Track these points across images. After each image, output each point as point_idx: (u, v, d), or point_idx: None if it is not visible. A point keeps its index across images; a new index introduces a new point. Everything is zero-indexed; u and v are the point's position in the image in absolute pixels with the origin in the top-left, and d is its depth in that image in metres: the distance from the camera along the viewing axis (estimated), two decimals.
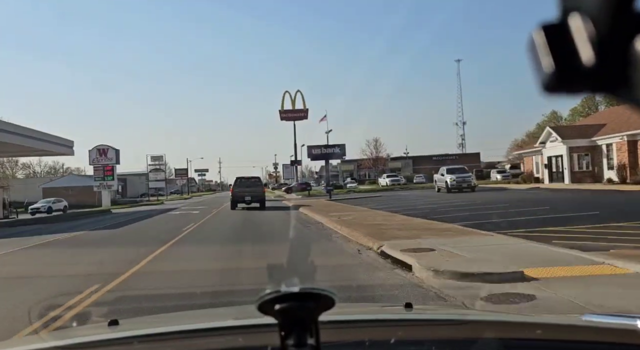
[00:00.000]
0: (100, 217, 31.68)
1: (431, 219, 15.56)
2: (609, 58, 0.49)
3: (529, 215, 15.73)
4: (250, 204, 27.69)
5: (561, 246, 9.07)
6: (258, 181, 30.29)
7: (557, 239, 10.25)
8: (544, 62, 0.51)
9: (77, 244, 15.64)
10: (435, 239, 10.47)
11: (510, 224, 13.47)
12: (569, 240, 9.88)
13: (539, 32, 0.52)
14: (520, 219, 14.84)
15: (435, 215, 16.86)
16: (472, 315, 1.95)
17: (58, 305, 6.23)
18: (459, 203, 23.87)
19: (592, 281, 6.34)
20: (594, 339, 1.40)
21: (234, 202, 27.96)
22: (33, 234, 19.77)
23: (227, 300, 6.10)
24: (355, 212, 20.74)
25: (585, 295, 5.57)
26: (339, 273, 7.72)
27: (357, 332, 1.45)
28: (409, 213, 18.62)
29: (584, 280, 6.38)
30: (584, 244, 9.34)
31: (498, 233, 11.10)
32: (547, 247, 9.01)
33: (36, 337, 2.22)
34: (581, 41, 0.49)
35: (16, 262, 12.06)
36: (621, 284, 6.23)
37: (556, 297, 5.60)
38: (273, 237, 13.25)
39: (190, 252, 12.13)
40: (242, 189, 28.28)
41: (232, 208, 27.67)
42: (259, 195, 28.17)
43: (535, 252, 8.52)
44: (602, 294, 5.69)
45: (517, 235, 10.81)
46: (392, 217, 17.07)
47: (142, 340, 1.45)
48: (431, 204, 24.90)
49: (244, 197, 27.77)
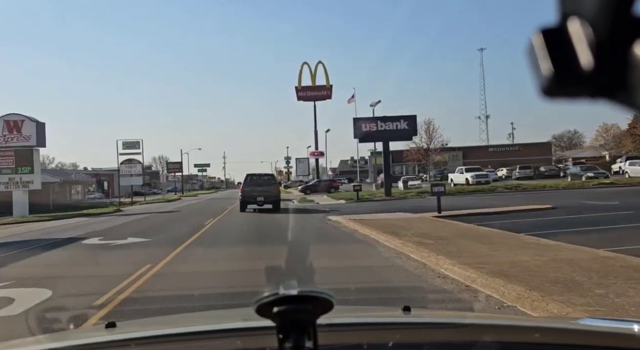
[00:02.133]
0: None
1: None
2: (608, 62, 0.49)
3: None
4: (262, 206, 24.10)
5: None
6: (271, 179, 26.81)
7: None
8: (542, 66, 0.51)
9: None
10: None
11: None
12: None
13: (538, 36, 0.52)
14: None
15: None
16: (470, 319, 1.95)
17: None
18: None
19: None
20: (592, 343, 1.40)
21: (244, 203, 24.50)
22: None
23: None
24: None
25: None
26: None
27: (355, 335, 1.45)
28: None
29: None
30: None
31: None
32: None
33: (33, 339, 2.21)
34: (580, 45, 0.49)
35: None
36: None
37: None
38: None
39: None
40: (253, 188, 24.66)
41: (241, 210, 24.37)
42: (272, 196, 24.60)
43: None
44: None
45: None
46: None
47: (139, 342, 1.45)
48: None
49: (256, 197, 24.18)
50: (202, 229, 16.78)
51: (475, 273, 7.06)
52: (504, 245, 9.74)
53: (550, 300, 5.40)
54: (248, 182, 25.18)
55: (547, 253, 8.46)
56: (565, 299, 5.42)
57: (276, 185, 26.14)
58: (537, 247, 9.21)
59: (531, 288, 5.94)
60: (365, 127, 32.00)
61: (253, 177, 25.69)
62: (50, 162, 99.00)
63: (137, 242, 13.82)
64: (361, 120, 32.99)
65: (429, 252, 9.19)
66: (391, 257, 9.71)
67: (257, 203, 24.07)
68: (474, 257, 8.38)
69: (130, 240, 14.38)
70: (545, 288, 5.93)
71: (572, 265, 7.21)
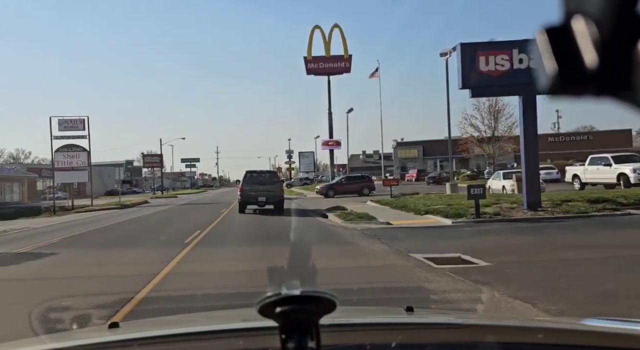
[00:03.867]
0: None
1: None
2: (612, 61, 0.49)
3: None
4: (263, 206, 22.04)
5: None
6: (274, 176, 24.44)
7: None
8: (547, 64, 0.51)
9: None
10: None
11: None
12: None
13: (542, 35, 0.51)
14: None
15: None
16: (473, 320, 1.95)
17: None
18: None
19: None
20: (595, 344, 1.40)
21: (244, 203, 22.37)
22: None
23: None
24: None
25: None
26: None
27: (358, 336, 1.45)
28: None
29: None
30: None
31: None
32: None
33: (36, 339, 2.22)
34: (584, 44, 0.49)
35: None
36: None
37: None
38: None
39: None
40: (253, 187, 22.34)
41: (240, 210, 22.22)
42: (275, 195, 22.34)
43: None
44: None
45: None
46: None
47: (142, 343, 1.45)
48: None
49: (257, 197, 22.02)
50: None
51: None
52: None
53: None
54: (248, 180, 22.84)
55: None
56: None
57: (279, 184, 24.02)
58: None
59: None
60: (488, 64, 16.20)
61: (253, 174, 23.49)
62: (26, 156, 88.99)
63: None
64: (479, 47, 16.57)
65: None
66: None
67: (258, 203, 22.09)
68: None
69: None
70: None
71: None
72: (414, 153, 64.33)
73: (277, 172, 28.12)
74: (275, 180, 23.76)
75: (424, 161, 63.04)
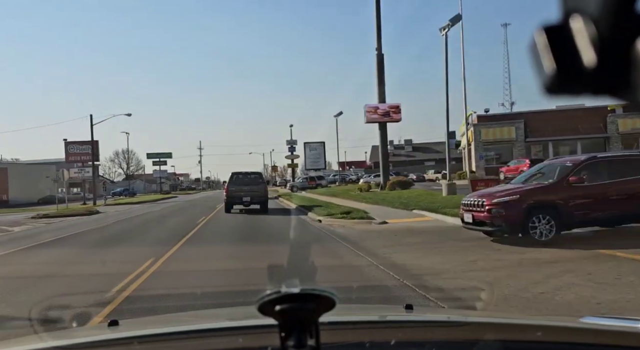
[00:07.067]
0: None
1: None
2: (611, 59, 0.49)
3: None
4: (248, 206, 23.17)
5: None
6: (259, 178, 25.48)
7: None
8: (545, 63, 0.51)
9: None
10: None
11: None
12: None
13: (540, 33, 0.52)
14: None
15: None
16: (472, 317, 1.96)
17: None
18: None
19: None
20: (595, 342, 1.40)
21: (229, 203, 23.46)
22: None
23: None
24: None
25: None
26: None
27: (357, 334, 1.45)
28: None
29: None
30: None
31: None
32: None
33: (36, 337, 2.22)
34: (582, 42, 0.49)
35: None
36: None
37: None
38: None
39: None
40: (239, 188, 23.56)
41: (226, 211, 23.31)
42: (259, 195, 23.57)
43: None
44: None
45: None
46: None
47: (142, 340, 1.45)
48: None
49: (242, 197, 23.17)
50: None
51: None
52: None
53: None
54: (233, 181, 24.04)
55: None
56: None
57: (264, 185, 25.04)
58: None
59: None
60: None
61: (239, 175, 24.58)
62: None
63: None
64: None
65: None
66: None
67: (243, 203, 23.09)
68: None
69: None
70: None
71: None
72: (508, 133, 40.34)
73: (261, 173, 28.55)
74: (260, 181, 24.82)
75: (527, 146, 40.20)
